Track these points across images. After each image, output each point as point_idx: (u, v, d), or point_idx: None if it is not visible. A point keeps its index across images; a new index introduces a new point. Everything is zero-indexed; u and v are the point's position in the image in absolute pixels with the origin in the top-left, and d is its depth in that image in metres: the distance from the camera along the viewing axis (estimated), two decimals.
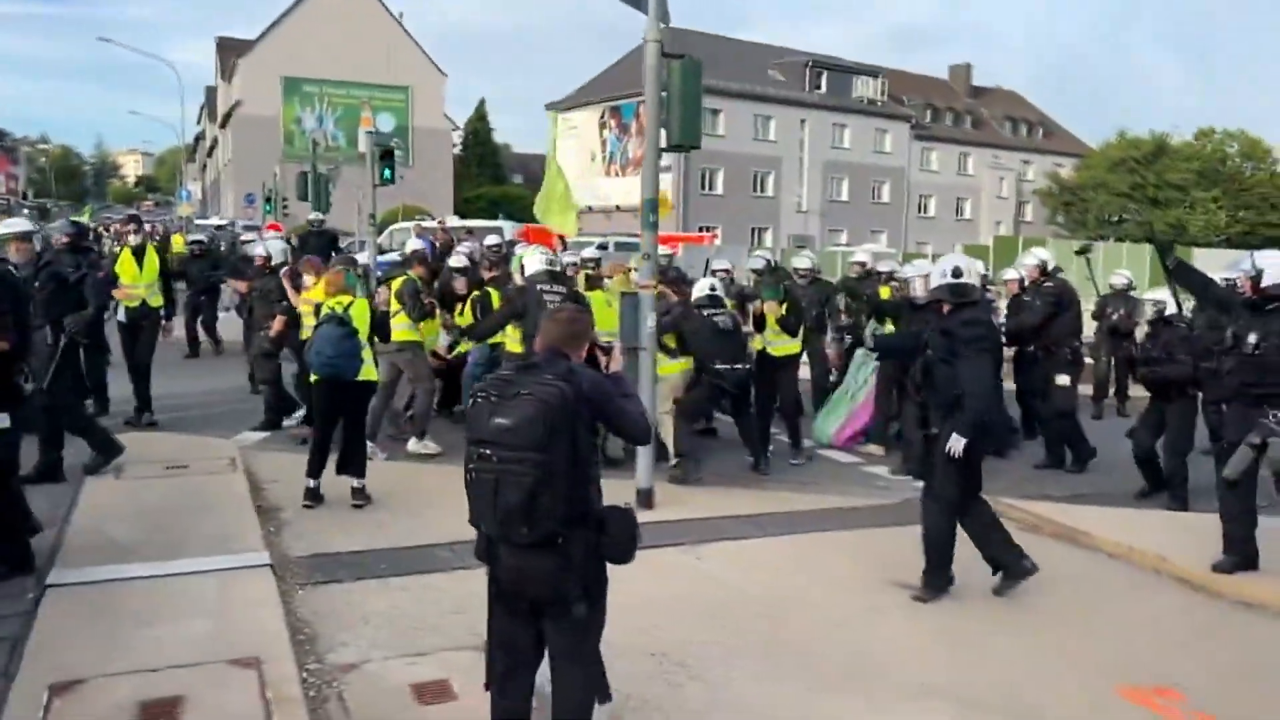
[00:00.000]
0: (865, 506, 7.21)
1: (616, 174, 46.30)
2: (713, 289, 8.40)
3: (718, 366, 7.92)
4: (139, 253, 9.38)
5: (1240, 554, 5.65)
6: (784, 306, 8.44)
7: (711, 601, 5.21)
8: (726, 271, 11.41)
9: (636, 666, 4.38)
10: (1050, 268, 9.22)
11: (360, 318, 6.59)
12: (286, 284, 8.55)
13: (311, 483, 6.64)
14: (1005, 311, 9.88)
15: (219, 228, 29.70)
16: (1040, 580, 5.45)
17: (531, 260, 8.04)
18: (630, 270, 9.38)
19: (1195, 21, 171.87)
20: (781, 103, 51.14)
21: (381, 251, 19.26)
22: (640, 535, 3.24)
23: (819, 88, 53.22)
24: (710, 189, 49.36)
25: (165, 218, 51.18)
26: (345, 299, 6.68)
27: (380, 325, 6.82)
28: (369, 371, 6.65)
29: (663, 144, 6.67)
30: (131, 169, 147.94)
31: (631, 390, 3.52)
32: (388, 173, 14.74)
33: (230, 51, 55.57)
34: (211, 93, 68.61)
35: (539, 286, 7.68)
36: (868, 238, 49.34)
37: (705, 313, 8.09)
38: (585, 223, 41.41)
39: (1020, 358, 9.26)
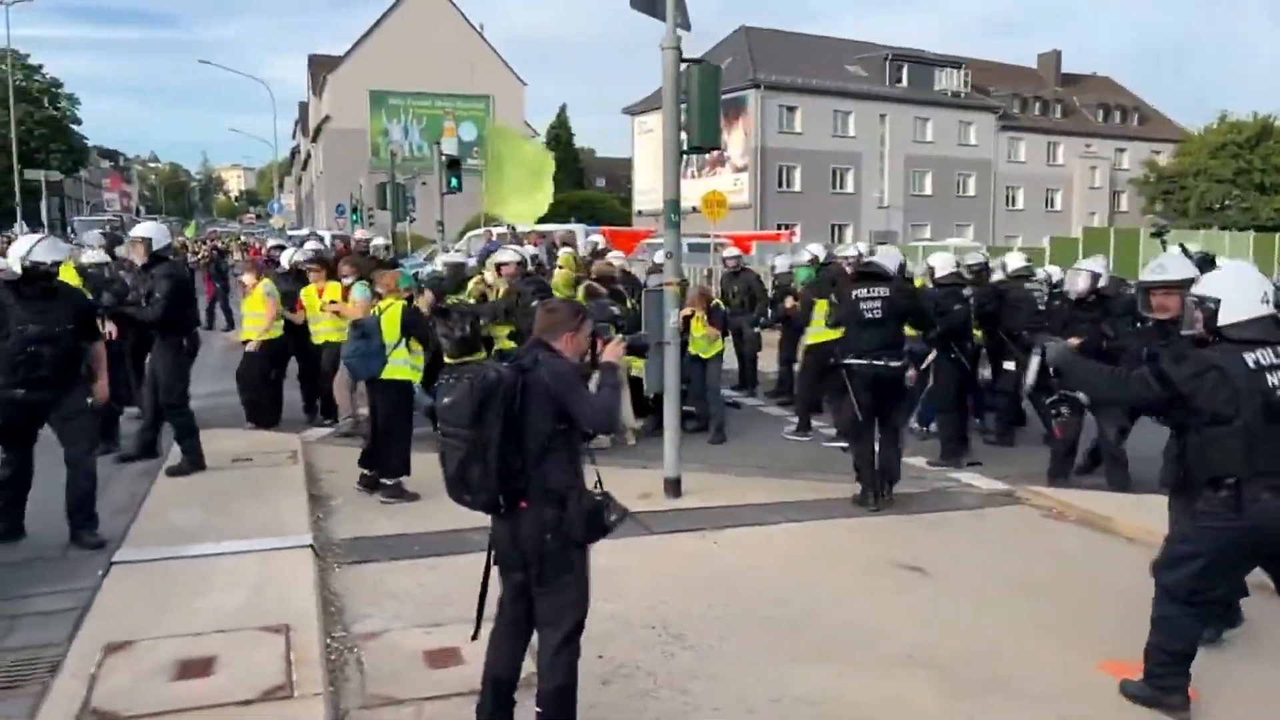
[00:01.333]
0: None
1: (693, 175, 46.51)
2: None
3: (850, 361, 6.96)
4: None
5: None
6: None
7: (718, 581, 5.46)
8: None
9: (636, 636, 4.69)
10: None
11: (390, 321, 7.00)
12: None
13: (367, 471, 7.17)
14: None
15: (304, 239, 30.79)
16: (1046, 562, 5.56)
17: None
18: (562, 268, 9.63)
19: None
20: (861, 97, 50.65)
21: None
22: (607, 516, 3.40)
23: (900, 81, 52.52)
24: (788, 186, 49.18)
25: (263, 231, 53.42)
26: (386, 302, 7.14)
27: (409, 327, 7.07)
28: (394, 371, 6.99)
29: (683, 146, 6.94)
30: (234, 184, 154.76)
31: (616, 381, 3.75)
32: (454, 181, 15.34)
33: (321, 67, 57.66)
34: (304, 108, 71.26)
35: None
36: (952, 232, 48.51)
37: (854, 293, 7.13)
38: (661, 225, 41.83)
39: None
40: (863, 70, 51.92)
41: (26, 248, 5.89)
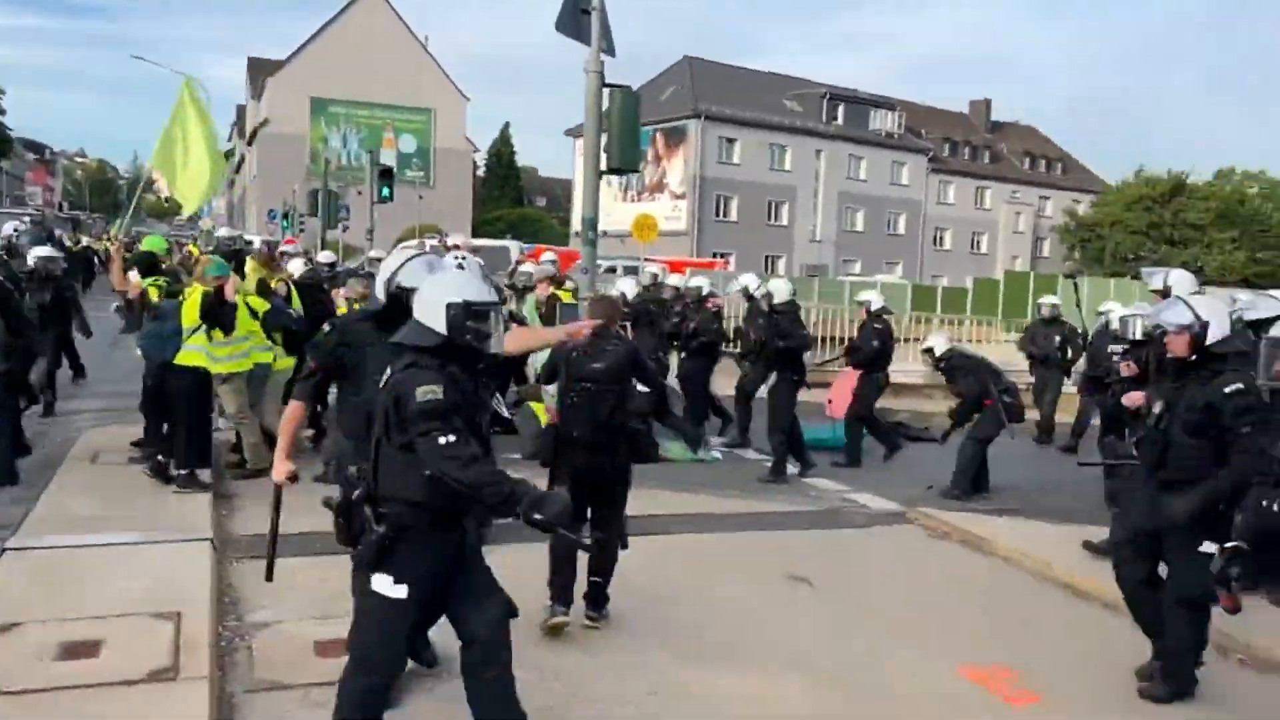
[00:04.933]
0: (786, 511, 7.62)
1: (631, 199, 46.93)
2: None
3: None
4: None
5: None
6: None
7: (616, 583, 5.63)
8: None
9: (525, 633, 4.82)
10: None
11: (190, 307, 7.07)
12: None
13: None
14: None
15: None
16: (931, 581, 5.87)
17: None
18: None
19: (1223, 59, 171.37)
20: (798, 132, 51.81)
21: None
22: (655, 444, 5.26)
23: (836, 119, 53.82)
24: (725, 215, 49.99)
25: (193, 233, 52.36)
26: (190, 289, 7.23)
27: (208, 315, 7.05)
28: (188, 357, 7.00)
29: (603, 167, 7.18)
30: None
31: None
32: (386, 190, 15.39)
33: (261, 71, 56.94)
34: (242, 110, 70.18)
35: None
36: (882, 268, 49.74)
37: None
38: (601, 248, 42.04)
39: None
40: (799, 106, 53.08)
41: (389, 271, 4.12)
